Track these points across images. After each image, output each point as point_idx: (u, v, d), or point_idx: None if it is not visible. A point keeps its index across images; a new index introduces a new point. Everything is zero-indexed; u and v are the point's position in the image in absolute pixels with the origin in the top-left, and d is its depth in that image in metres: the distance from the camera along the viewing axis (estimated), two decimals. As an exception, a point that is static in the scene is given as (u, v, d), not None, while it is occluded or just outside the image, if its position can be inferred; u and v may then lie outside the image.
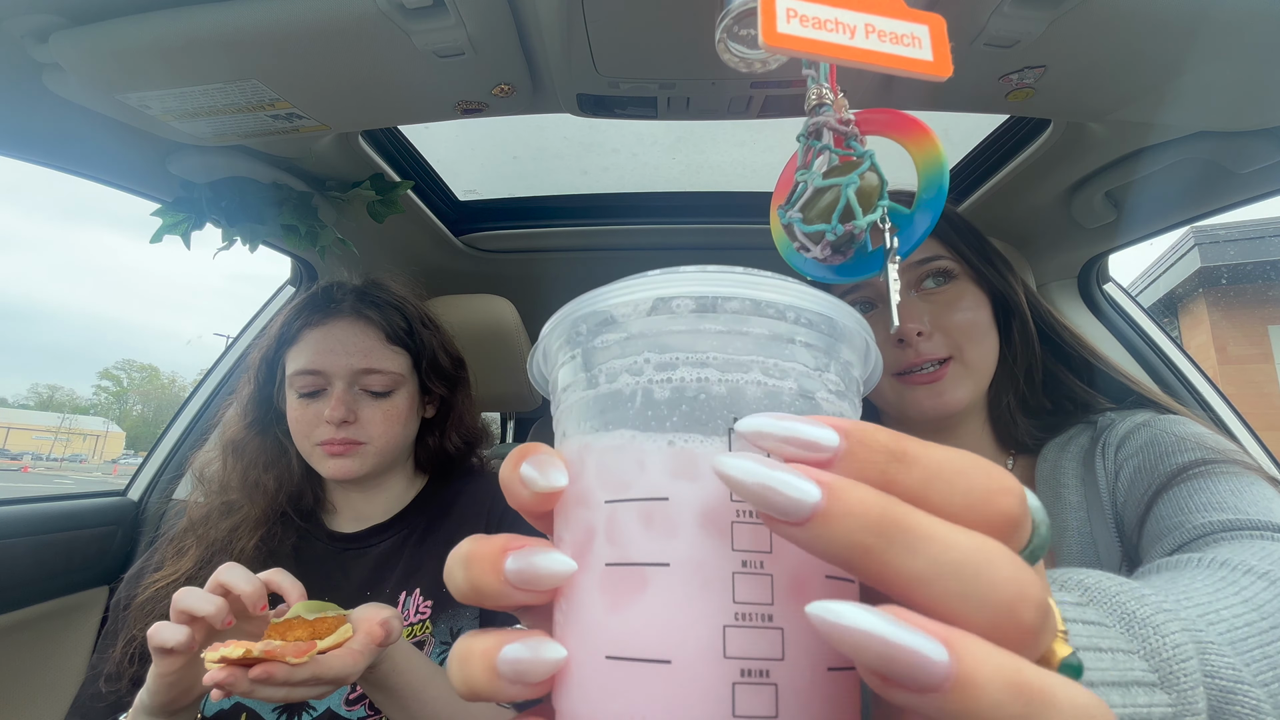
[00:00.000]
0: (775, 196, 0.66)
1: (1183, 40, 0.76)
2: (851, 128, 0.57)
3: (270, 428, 0.97)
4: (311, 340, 0.92)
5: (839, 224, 0.55)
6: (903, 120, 0.61)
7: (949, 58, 0.54)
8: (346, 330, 0.92)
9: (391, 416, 0.93)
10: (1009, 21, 0.74)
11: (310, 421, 0.90)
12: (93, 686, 0.84)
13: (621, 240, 1.77)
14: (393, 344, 0.95)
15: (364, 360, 0.91)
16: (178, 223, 1.12)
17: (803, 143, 0.59)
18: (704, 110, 0.96)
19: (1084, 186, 1.23)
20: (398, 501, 1.01)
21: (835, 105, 0.58)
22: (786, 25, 0.50)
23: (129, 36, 0.76)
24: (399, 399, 0.94)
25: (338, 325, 0.92)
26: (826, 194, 0.56)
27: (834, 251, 0.58)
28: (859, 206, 0.53)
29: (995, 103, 0.92)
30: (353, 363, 0.90)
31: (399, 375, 0.94)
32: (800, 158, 0.60)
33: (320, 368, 0.90)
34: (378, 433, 0.91)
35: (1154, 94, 0.87)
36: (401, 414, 0.94)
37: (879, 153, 0.55)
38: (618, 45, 0.82)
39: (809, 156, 0.59)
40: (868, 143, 0.58)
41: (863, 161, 0.55)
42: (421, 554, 0.94)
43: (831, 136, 0.57)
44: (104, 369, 72.59)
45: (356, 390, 0.91)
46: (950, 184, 1.48)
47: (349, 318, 0.93)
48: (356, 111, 0.95)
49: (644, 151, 1.55)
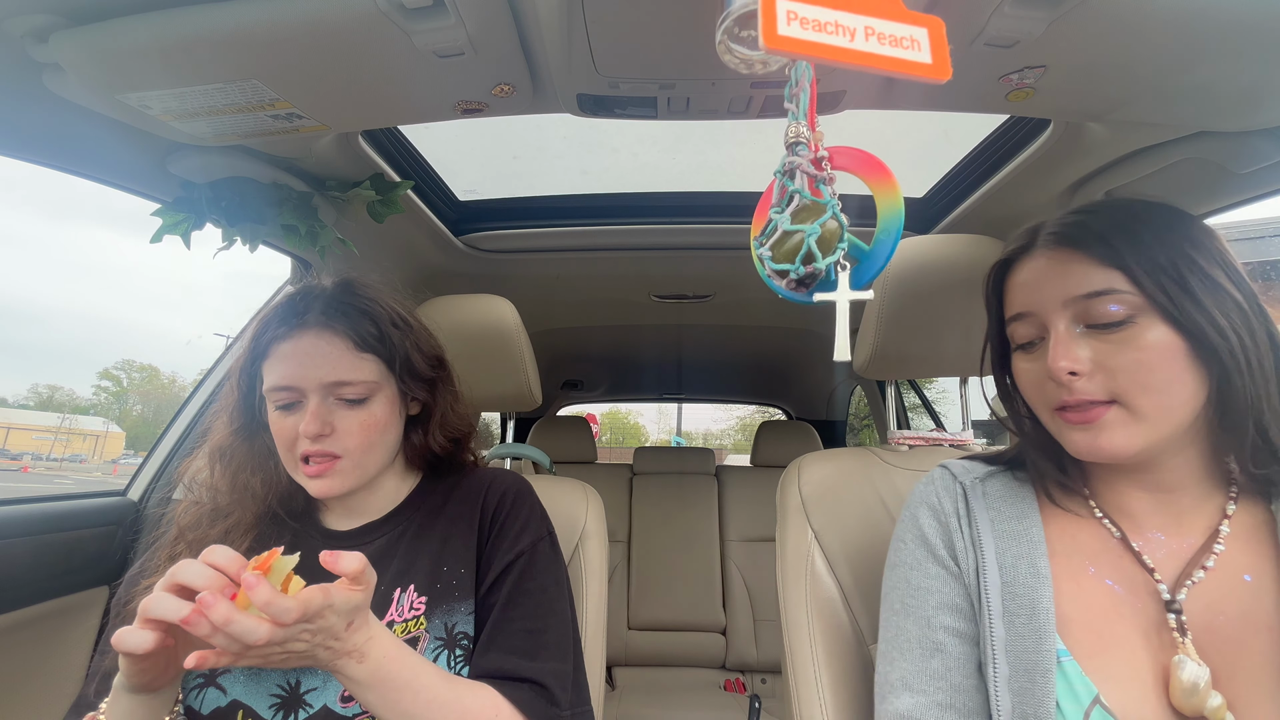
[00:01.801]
0: (754, 225, 0.69)
1: (1183, 40, 0.75)
2: (825, 167, 0.61)
3: (257, 434, 0.96)
4: (282, 355, 0.90)
5: (801, 265, 0.60)
6: (870, 163, 0.65)
7: (948, 60, 0.56)
8: (313, 342, 0.90)
9: (368, 425, 0.91)
10: (1009, 21, 0.73)
11: (289, 436, 0.89)
12: (91, 685, 0.84)
13: (622, 240, 1.78)
14: (362, 351, 0.92)
15: (333, 373, 0.89)
16: (178, 223, 1.12)
17: (779, 179, 0.62)
18: (704, 110, 0.96)
19: (1084, 186, 1.23)
20: (390, 499, 1.00)
21: (810, 143, 0.61)
22: (787, 27, 0.52)
23: (129, 36, 0.76)
24: (375, 406, 0.92)
25: (304, 338, 0.90)
26: (792, 238, 0.61)
27: (798, 285, 0.62)
28: (819, 252, 0.59)
29: (995, 103, 0.91)
30: (323, 376, 0.88)
31: (372, 383, 0.92)
32: (776, 193, 0.64)
33: (292, 383, 0.88)
34: (355, 443, 0.89)
35: (1154, 94, 0.87)
36: (379, 421, 0.92)
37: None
38: (618, 45, 0.81)
39: (783, 193, 0.62)
40: (836, 180, 0.62)
41: (826, 210, 0.59)
42: (415, 551, 0.94)
43: (804, 179, 0.61)
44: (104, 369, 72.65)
45: (331, 401, 0.90)
46: (950, 183, 1.50)
47: (314, 329, 0.91)
48: (356, 111, 0.95)
49: (644, 151, 1.55)
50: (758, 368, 3.36)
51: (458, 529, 0.97)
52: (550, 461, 1.60)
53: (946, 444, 1.22)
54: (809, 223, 0.59)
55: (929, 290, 1.08)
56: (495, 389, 1.31)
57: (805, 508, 1.11)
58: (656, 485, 3.10)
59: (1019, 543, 0.77)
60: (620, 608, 2.80)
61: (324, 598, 0.66)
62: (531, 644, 0.88)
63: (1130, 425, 0.69)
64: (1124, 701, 0.66)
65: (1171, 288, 0.67)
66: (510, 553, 0.95)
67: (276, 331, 0.91)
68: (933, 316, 1.10)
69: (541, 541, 0.99)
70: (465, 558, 0.94)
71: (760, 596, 2.79)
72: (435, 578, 0.91)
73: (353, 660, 0.72)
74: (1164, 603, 0.68)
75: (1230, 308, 0.67)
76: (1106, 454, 0.70)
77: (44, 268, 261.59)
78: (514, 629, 0.89)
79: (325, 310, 0.92)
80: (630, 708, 2.40)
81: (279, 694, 0.83)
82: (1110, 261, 0.70)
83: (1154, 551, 0.72)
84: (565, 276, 2.01)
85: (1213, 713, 0.62)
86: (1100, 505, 0.77)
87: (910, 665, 0.78)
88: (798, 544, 1.09)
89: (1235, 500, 0.71)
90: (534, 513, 1.02)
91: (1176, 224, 0.72)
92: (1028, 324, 0.77)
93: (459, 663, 0.88)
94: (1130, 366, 0.68)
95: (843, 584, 1.05)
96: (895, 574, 0.85)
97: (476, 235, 1.74)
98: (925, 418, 2.79)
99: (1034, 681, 0.68)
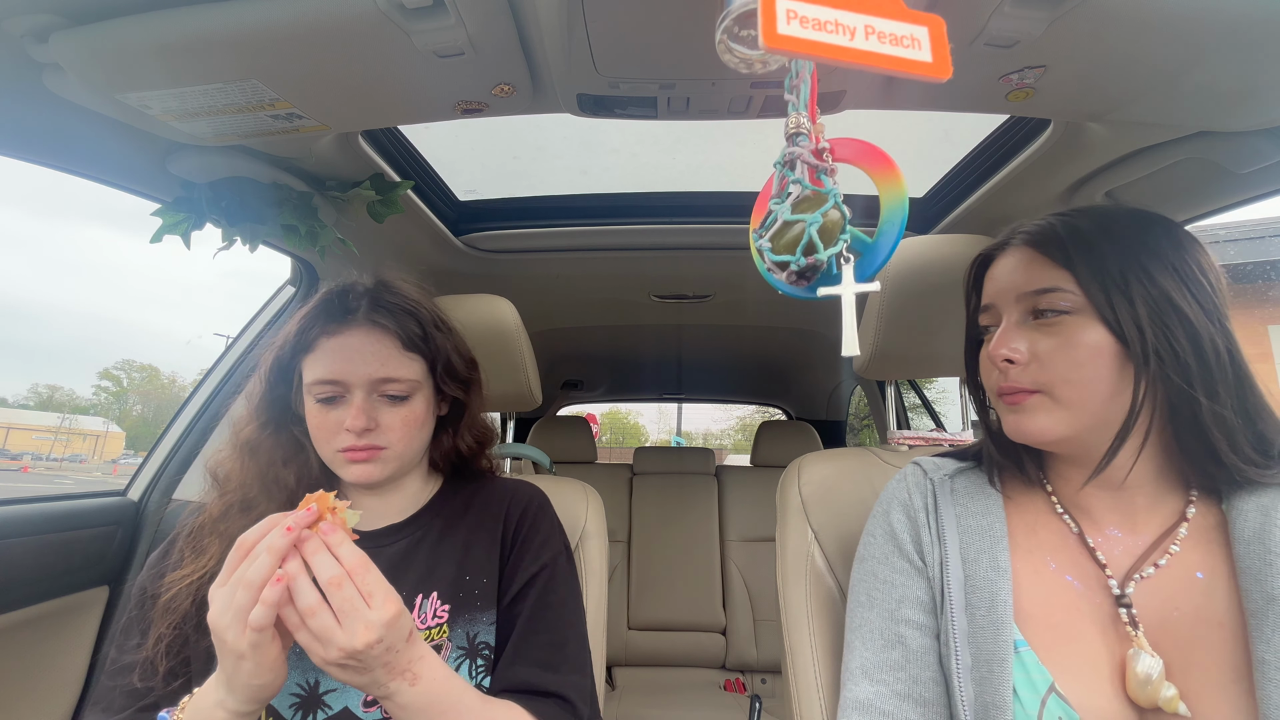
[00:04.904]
0: (753, 218, 0.69)
1: (1183, 40, 0.76)
2: (826, 158, 0.61)
3: (286, 427, 0.97)
4: (329, 349, 0.91)
5: (802, 256, 0.60)
6: (873, 154, 0.65)
7: (948, 59, 0.56)
8: (363, 339, 0.92)
9: (410, 422, 0.93)
10: (1009, 21, 0.74)
11: (331, 429, 0.90)
12: (118, 680, 0.83)
13: (622, 240, 1.78)
14: (408, 351, 0.94)
15: (381, 369, 0.91)
16: (178, 223, 1.12)
17: (779, 170, 0.62)
18: (704, 110, 0.96)
19: (1084, 186, 1.23)
20: (413, 502, 1.01)
21: (811, 134, 0.61)
22: (787, 26, 0.51)
23: (129, 36, 0.76)
24: (416, 404, 0.94)
25: (354, 334, 0.92)
26: (793, 228, 0.60)
27: (799, 278, 0.62)
28: (820, 242, 0.59)
29: (995, 103, 0.92)
30: (371, 372, 0.90)
31: (415, 381, 0.94)
32: (775, 184, 0.63)
33: (339, 377, 0.90)
34: (397, 438, 0.91)
35: (1154, 94, 0.87)
36: (419, 418, 0.95)
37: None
38: (618, 45, 0.81)
39: (783, 184, 0.62)
40: (837, 172, 0.62)
41: (827, 199, 0.59)
42: (437, 557, 0.95)
43: (805, 169, 0.61)
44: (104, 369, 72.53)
45: (375, 397, 0.92)
46: (951, 183, 1.49)
47: (364, 326, 0.93)
48: (356, 111, 0.95)
49: (644, 151, 1.55)
50: (758, 368, 3.36)
51: (479, 538, 0.98)
52: (550, 461, 1.60)
53: (946, 444, 1.22)
54: (810, 213, 0.59)
55: (929, 290, 1.08)
56: (495, 389, 1.31)
57: (805, 508, 1.11)
58: (656, 485, 3.10)
59: (981, 538, 0.81)
60: (620, 608, 2.80)
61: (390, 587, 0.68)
62: (554, 657, 0.89)
63: (1054, 412, 0.75)
64: (1080, 691, 0.69)
65: (1114, 294, 0.72)
66: (534, 565, 0.96)
67: (325, 326, 0.92)
68: (932, 316, 1.10)
69: (561, 555, 1.00)
70: (488, 568, 0.95)
71: (760, 596, 2.79)
72: (459, 586, 0.92)
73: (405, 682, 0.69)
74: (1114, 597, 0.72)
75: (1174, 320, 0.71)
76: (1031, 436, 0.76)
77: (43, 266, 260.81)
78: (538, 642, 0.90)
79: (373, 308, 0.94)
80: (630, 708, 2.39)
81: (298, 693, 0.83)
82: (1061, 262, 0.75)
83: (1110, 548, 0.76)
84: (565, 276, 2.01)
85: (1166, 703, 0.66)
86: (1061, 502, 0.81)
87: (871, 655, 0.82)
88: (798, 544, 1.09)
89: (1194, 503, 0.74)
90: (554, 526, 1.04)
91: (1143, 234, 0.75)
92: (990, 315, 0.84)
93: (480, 673, 0.88)
94: (1059, 359, 0.74)
95: (842, 584, 1.05)
96: (863, 567, 0.89)
97: (476, 235, 1.74)
98: (925, 418, 2.79)
99: (992, 670, 0.72)
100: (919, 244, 1.10)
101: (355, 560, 0.66)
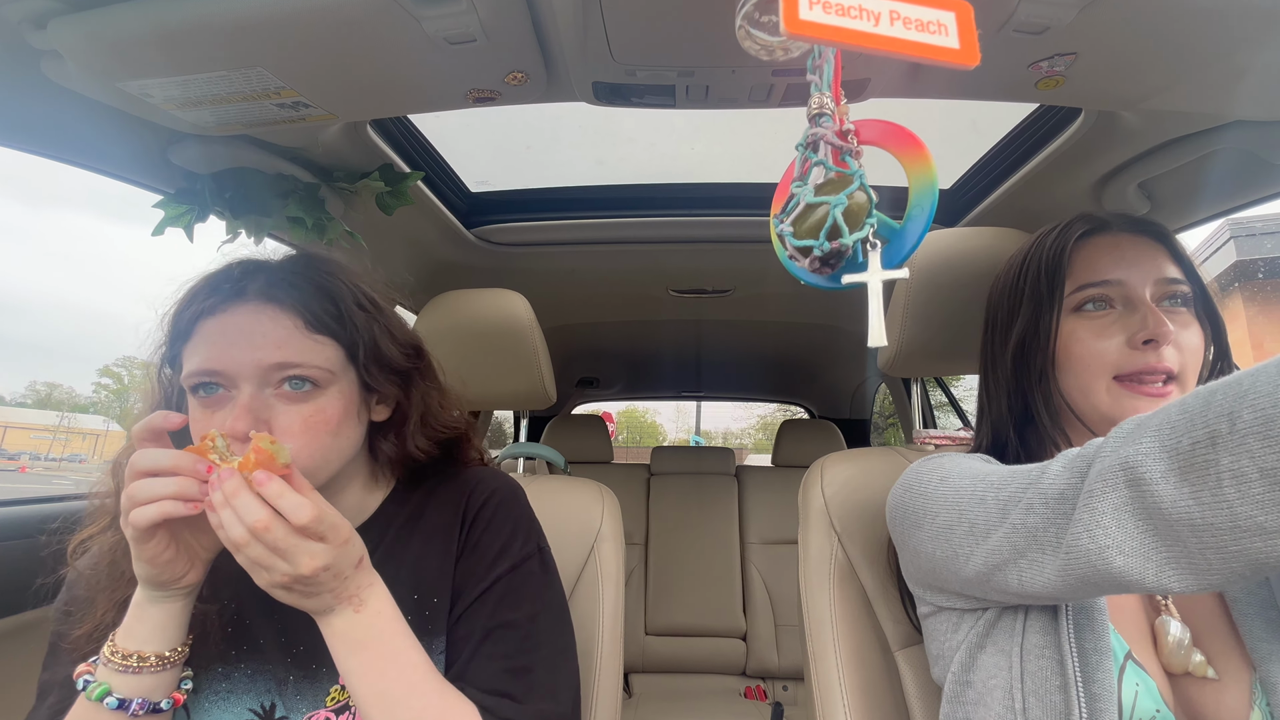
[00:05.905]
0: (774, 204, 0.67)
1: (1218, 25, 0.74)
2: (850, 139, 0.59)
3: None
4: (208, 333, 0.73)
5: (826, 241, 0.58)
6: (900, 135, 0.63)
7: (976, 45, 0.55)
8: (252, 318, 0.73)
9: (315, 424, 0.73)
10: (1039, 7, 0.72)
11: None
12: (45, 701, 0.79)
13: (638, 233, 1.76)
14: (315, 332, 0.75)
15: (275, 353, 0.72)
16: (180, 215, 1.12)
17: (801, 152, 0.61)
18: (723, 99, 0.95)
19: (1116, 178, 1.21)
20: (355, 515, 0.85)
21: (835, 115, 0.59)
22: (809, 12, 0.51)
23: (129, 22, 0.75)
24: (328, 400, 0.75)
25: (240, 312, 0.73)
26: (817, 211, 0.59)
27: (822, 264, 0.60)
28: (845, 226, 0.57)
29: (1024, 91, 0.90)
30: (260, 358, 0.71)
31: (325, 370, 0.75)
32: (797, 167, 0.62)
33: (219, 367, 0.71)
34: (300, 445, 0.72)
35: (1188, 81, 0.85)
36: (330, 420, 0.75)
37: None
38: (635, 32, 0.80)
39: (805, 167, 0.61)
40: (863, 154, 0.60)
41: (853, 180, 0.58)
42: (386, 576, 0.75)
43: (828, 150, 0.59)
44: (104, 366, 73.42)
45: (269, 393, 0.73)
46: (978, 175, 1.45)
47: (255, 302, 0.74)
48: (365, 100, 0.94)
49: (661, 141, 1.55)
50: (779, 364, 3.33)
51: (433, 548, 0.84)
52: (565, 462, 1.59)
53: (974, 444, 1.19)
54: (834, 195, 0.58)
55: (956, 285, 1.05)
56: (508, 386, 1.30)
57: (828, 509, 1.08)
58: (674, 486, 3.07)
59: None
60: (637, 613, 2.78)
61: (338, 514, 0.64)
62: (514, 685, 0.75)
63: None
64: (1147, 661, 0.71)
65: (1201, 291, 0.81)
66: (489, 575, 0.82)
67: (204, 304, 0.74)
68: (960, 312, 1.07)
69: (529, 560, 0.85)
70: (441, 584, 0.82)
71: (782, 601, 2.75)
72: (408, 608, 0.76)
73: (350, 607, 0.66)
74: None
75: None
76: None
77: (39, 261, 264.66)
78: (493, 668, 0.76)
79: (270, 283, 0.76)
80: (648, 716, 2.37)
81: (257, 711, 0.75)
82: (1176, 259, 0.81)
83: None
84: (580, 270, 2.00)
85: (1196, 667, 0.69)
86: None
87: None
88: (821, 547, 1.07)
89: None
90: (520, 525, 0.88)
91: None
92: (1108, 290, 0.82)
93: None
94: (1190, 347, 0.78)
95: (867, 589, 1.02)
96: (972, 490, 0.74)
97: (489, 228, 1.74)
98: (952, 416, 2.75)
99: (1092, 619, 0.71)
100: (946, 236, 1.07)
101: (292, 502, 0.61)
